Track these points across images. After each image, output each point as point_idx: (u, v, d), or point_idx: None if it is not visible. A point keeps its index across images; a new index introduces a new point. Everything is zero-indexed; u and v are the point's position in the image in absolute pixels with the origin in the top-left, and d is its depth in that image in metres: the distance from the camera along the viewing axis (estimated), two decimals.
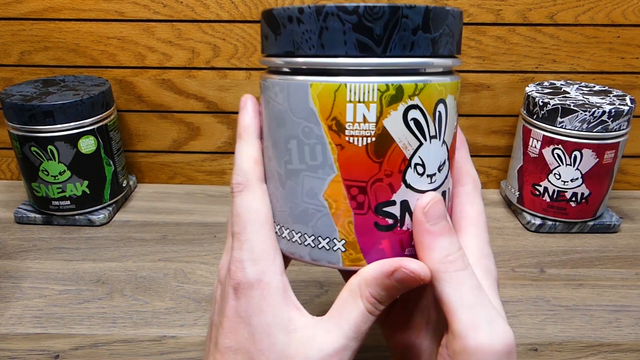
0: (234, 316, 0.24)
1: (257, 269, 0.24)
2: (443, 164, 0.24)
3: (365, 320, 0.23)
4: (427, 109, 0.22)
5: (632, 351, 0.39)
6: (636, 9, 0.56)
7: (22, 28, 0.58)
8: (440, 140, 0.23)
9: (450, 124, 0.24)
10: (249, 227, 0.24)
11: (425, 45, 0.22)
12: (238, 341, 0.24)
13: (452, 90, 0.23)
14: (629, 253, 0.52)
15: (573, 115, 0.49)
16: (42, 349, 0.39)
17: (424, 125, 0.22)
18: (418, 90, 0.22)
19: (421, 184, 0.23)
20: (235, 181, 0.25)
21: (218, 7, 0.57)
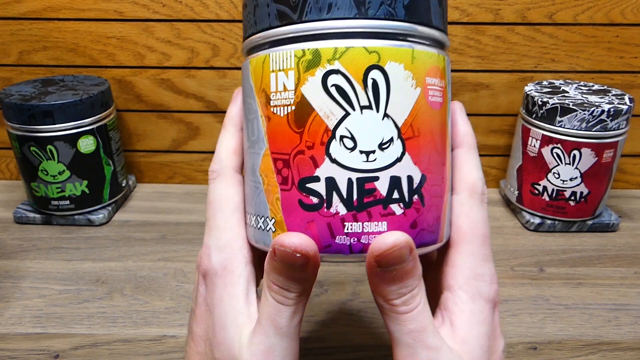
0: (203, 304, 0.24)
1: (222, 256, 0.23)
2: (389, 142, 0.21)
3: (279, 313, 0.21)
4: (353, 75, 0.20)
5: (632, 350, 0.39)
6: (635, 9, 0.56)
7: (21, 28, 0.58)
8: (380, 113, 0.21)
9: (401, 97, 0.21)
10: (218, 214, 0.24)
11: (347, 7, 0.20)
12: (205, 330, 0.24)
13: (395, 57, 0.21)
14: (628, 252, 0.52)
15: (572, 115, 0.49)
16: (42, 349, 0.39)
17: (349, 93, 0.21)
18: (339, 54, 0.20)
19: (352, 161, 0.21)
20: (210, 169, 0.25)
21: (217, 7, 0.57)
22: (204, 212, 0.58)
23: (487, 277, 0.23)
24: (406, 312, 0.21)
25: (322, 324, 0.42)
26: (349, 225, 0.21)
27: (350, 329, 0.41)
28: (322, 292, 0.45)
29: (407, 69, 0.21)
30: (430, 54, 0.22)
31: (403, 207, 0.21)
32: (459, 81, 0.60)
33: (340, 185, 0.21)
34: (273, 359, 0.22)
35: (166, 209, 0.60)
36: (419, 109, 0.21)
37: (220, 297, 0.23)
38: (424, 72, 0.21)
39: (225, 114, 0.27)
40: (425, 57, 0.21)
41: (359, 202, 0.21)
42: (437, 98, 0.22)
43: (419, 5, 0.21)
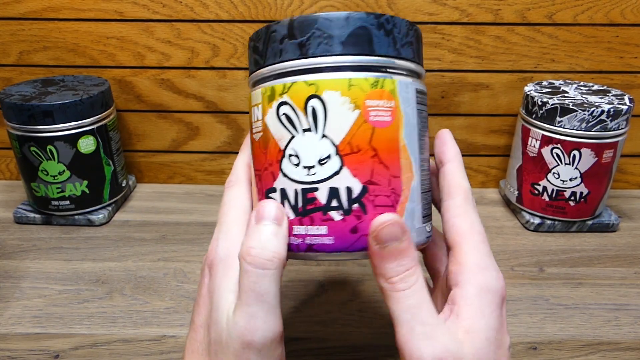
0: (205, 293, 0.26)
1: (227, 245, 0.26)
2: (326, 158, 0.25)
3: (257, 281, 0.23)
4: (296, 104, 0.25)
5: (631, 350, 0.39)
6: (635, 9, 0.56)
7: (21, 28, 0.58)
8: (318, 134, 0.25)
9: (338, 119, 0.24)
10: (230, 212, 0.27)
11: (292, 50, 0.25)
12: (206, 316, 0.26)
13: (331, 86, 0.24)
14: (628, 252, 0.52)
15: (572, 115, 0.49)
16: (42, 349, 0.39)
17: (294, 119, 0.25)
18: (286, 89, 0.25)
19: (298, 174, 0.25)
20: (227, 180, 0.29)
21: (217, 7, 0.57)
22: (204, 212, 0.59)
23: (493, 271, 0.25)
24: (404, 289, 0.23)
25: (322, 324, 0.42)
26: (296, 228, 0.25)
27: (350, 329, 0.41)
28: (322, 292, 0.45)
29: (344, 95, 0.24)
30: (372, 80, 0.25)
31: (342, 213, 0.25)
32: (459, 81, 0.60)
33: (289, 195, 0.25)
34: (255, 326, 0.23)
35: (166, 209, 0.60)
36: (357, 129, 0.25)
37: (219, 283, 0.25)
38: (364, 96, 0.25)
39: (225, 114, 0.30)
40: (365, 83, 0.25)
41: (303, 209, 0.25)
42: (383, 117, 0.25)
43: (358, 39, 0.25)
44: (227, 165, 0.65)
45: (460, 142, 0.63)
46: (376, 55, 0.25)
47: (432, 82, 0.60)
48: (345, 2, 0.56)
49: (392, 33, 0.25)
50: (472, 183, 0.66)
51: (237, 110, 0.62)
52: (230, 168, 0.65)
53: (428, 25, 0.57)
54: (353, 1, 0.56)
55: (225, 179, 0.66)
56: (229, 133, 0.63)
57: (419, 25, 0.57)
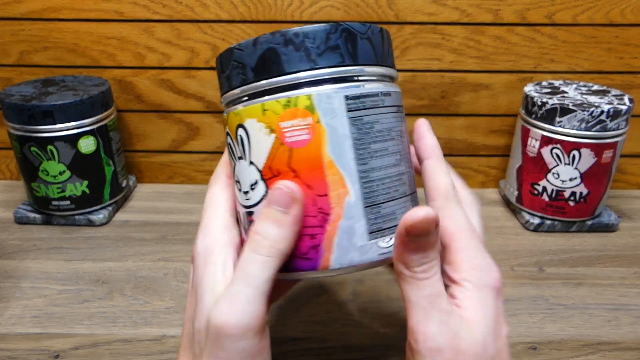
0: (191, 288, 0.27)
1: (206, 241, 0.26)
2: (255, 184, 0.25)
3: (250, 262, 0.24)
4: (231, 134, 0.26)
5: (631, 350, 0.39)
6: (634, 9, 0.56)
7: (22, 28, 0.58)
8: (247, 161, 0.26)
9: (257, 145, 0.25)
10: (208, 210, 0.28)
11: (223, 83, 0.27)
12: (192, 310, 0.26)
13: (249, 114, 0.25)
14: (627, 252, 0.52)
15: (571, 115, 0.50)
16: (42, 349, 0.39)
17: (233, 148, 0.27)
18: (226, 120, 0.27)
19: (240, 199, 0.27)
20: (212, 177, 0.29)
21: (217, 7, 0.57)
22: None
23: (485, 266, 0.25)
24: (425, 278, 0.23)
25: (322, 324, 0.42)
26: None
27: (350, 329, 0.41)
28: (322, 292, 0.45)
29: (260, 121, 0.25)
30: (283, 101, 0.24)
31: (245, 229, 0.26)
32: (459, 81, 0.60)
33: (240, 218, 0.27)
34: (236, 304, 0.23)
35: (166, 209, 0.60)
36: (276, 152, 0.25)
37: (202, 275, 0.25)
38: (276, 119, 0.24)
39: None
40: (276, 105, 0.24)
41: (246, 230, 0.27)
42: (300, 136, 0.24)
43: (267, 62, 0.24)
44: None
45: (460, 142, 0.63)
46: (286, 73, 0.24)
47: (432, 82, 0.60)
48: (345, 2, 0.56)
49: (303, 45, 0.24)
50: (472, 183, 0.66)
51: None
52: None
53: (428, 25, 0.57)
54: (353, 1, 0.56)
55: None
56: None
57: (419, 26, 0.57)
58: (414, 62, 0.59)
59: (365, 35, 0.25)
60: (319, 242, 0.25)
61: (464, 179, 0.67)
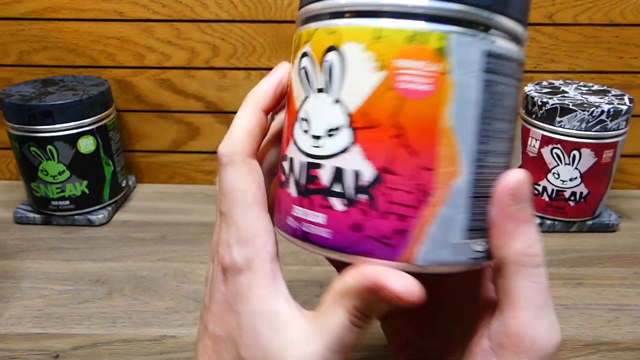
0: (224, 303, 0.22)
1: (244, 254, 0.22)
2: (336, 130, 0.19)
3: (349, 334, 0.20)
4: (316, 57, 0.20)
5: (631, 350, 0.39)
6: (635, 9, 0.56)
7: (21, 28, 0.58)
8: (332, 97, 0.19)
9: (356, 81, 0.19)
10: (235, 209, 0.22)
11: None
12: (227, 330, 0.22)
13: (353, 37, 0.19)
14: (627, 252, 0.52)
15: (572, 115, 0.50)
16: (41, 349, 0.39)
17: (310, 75, 0.20)
18: (309, 36, 0.20)
19: (305, 144, 0.20)
20: (220, 150, 0.23)
21: (217, 7, 0.57)
22: (204, 213, 0.59)
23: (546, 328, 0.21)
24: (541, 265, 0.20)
25: None
26: (296, 208, 0.21)
27: None
28: (322, 292, 0.45)
29: (367, 50, 0.18)
30: (408, 32, 0.18)
31: (345, 203, 0.19)
32: None
33: (295, 167, 0.21)
34: None
35: (166, 209, 0.60)
36: (380, 96, 0.18)
37: (246, 297, 0.22)
38: (393, 53, 0.18)
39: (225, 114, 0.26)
40: (397, 35, 0.18)
41: (305, 187, 0.20)
42: (419, 85, 0.18)
43: None
44: None
45: None
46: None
47: None
48: None
49: None
50: None
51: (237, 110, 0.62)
52: None
53: None
54: None
55: None
56: None
57: None
58: None
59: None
60: (408, 227, 0.19)
61: None
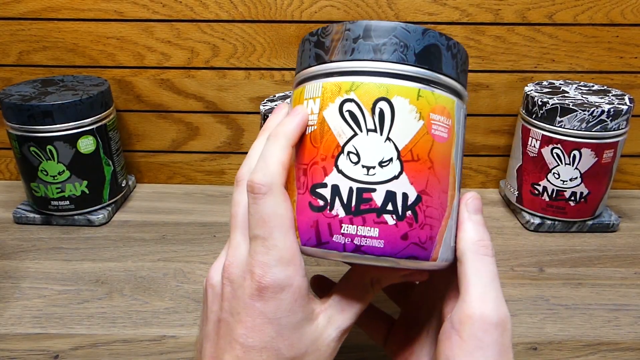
0: (260, 317, 0.25)
1: (287, 273, 0.25)
2: (388, 161, 0.25)
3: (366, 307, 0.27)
4: (364, 104, 0.25)
5: (632, 350, 0.39)
6: (635, 9, 0.56)
7: (21, 28, 0.58)
8: (383, 136, 0.25)
9: (404, 126, 0.25)
10: (276, 233, 0.25)
11: (366, 51, 0.26)
12: (264, 340, 0.25)
13: (402, 93, 0.25)
14: (627, 252, 0.52)
15: (572, 115, 0.49)
16: (41, 349, 0.39)
17: (359, 117, 0.25)
18: (355, 87, 0.25)
19: (355, 173, 0.25)
20: (258, 180, 0.25)
21: (217, 7, 0.57)
22: (203, 213, 0.59)
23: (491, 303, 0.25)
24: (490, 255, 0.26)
25: None
26: (346, 227, 0.25)
27: None
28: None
29: (412, 104, 0.25)
30: (437, 95, 0.26)
31: (396, 218, 0.25)
32: None
33: (342, 192, 0.25)
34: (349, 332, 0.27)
35: (166, 209, 0.60)
36: (420, 138, 0.25)
37: (290, 310, 0.25)
38: (429, 109, 0.25)
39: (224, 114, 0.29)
40: (431, 97, 0.25)
41: (356, 208, 0.25)
42: (442, 133, 0.26)
43: (430, 55, 0.26)
44: (226, 166, 0.65)
45: None
46: (443, 74, 0.26)
47: None
48: (345, 1, 0.56)
49: (456, 57, 0.27)
50: (472, 183, 0.66)
51: (237, 110, 0.62)
52: (230, 168, 0.65)
53: (428, 26, 0.57)
54: (353, 1, 0.56)
55: (225, 179, 0.66)
56: (229, 133, 0.63)
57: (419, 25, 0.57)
58: None
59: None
60: (435, 234, 0.26)
61: (464, 179, 0.67)
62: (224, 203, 0.61)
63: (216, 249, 0.52)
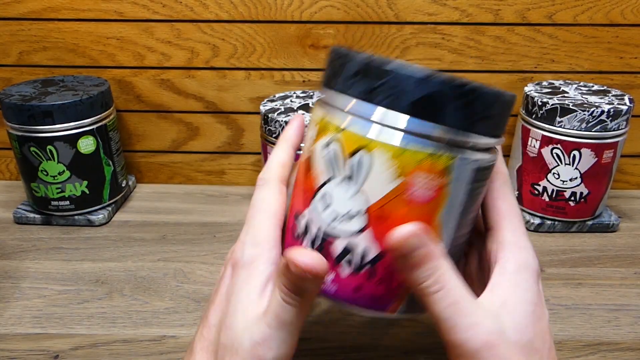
0: (225, 294, 0.26)
1: (254, 252, 0.25)
2: (356, 213, 0.24)
3: (284, 311, 0.23)
4: (347, 148, 0.23)
5: (632, 350, 0.39)
6: (635, 9, 0.56)
7: (21, 28, 0.58)
8: (356, 187, 0.23)
9: (379, 181, 0.23)
10: (258, 215, 0.26)
11: (360, 89, 0.23)
12: (219, 318, 0.26)
13: (387, 149, 0.22)
14: (627, 252, 0.52)
15: (572, 115, 0.49)
16: (41, 349, 0.39)
17: (339, 162, 0.24)
18: (342, 128, 0.24)
19: (324, 216, 0.24)
20: (260, 176, 0.28)
21: (217, 7, 0.57)
22: (204, 213, 0.59)
23: (530, 250, 0.25)
24: (437, 290, 0.23)
25: (322, 324, 0.42)
26: None
27: (350, 329, 0.41)
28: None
29: (393, 159, 0.23)
30: (427, 152, 0.23)
31: (351, 271, 0.24)
32: None
33: (311, 229, 0.25)
34: (269, 346, 0.23)
35: (166, 210, 0.60)
36: (395, 197, 0.23)
37: (240, 287, 0.25)
38: (413, 166, 0.23)
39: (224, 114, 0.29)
40: (419, 154, 0.23)
41: (319, 248, 0.25)
42: (425, 192, 0.23)
43: (429, 104, 0.22)
44: (227, 166, 0.65)
45: None
46: (445, 125, 0.22)
47: None
48: (345, 2, 0.56)
49: (471, 105, 0.22)
50: None
51: (237, 110, 0.62)
52: (230, 168, 0.65)
53: (428, 26, 0.57)
54: (353, 1, 0.56)
55: (225, 179, 0.66)
56: (229, 133, 0.63)
57: (419, 26, 0.57)
58: (414, 62, 0.59)
59: (510, 104, 0.25)
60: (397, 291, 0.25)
61: None
62: (224, 203, 0.61)
63: (216, 249, 0.52)
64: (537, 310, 0.24)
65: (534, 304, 0.24)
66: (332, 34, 0.58)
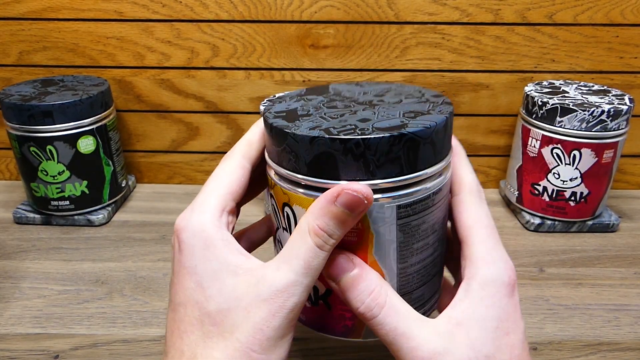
0: (180, 269, 0.25)
1: (201, 218, 0.25)
2: None
3: (314, 256, 0.23)
4: (277, 204, 0.27)
5: (632, 350, 0.39)
6: (635, 9, 0.56)
7: (21, 28, 0.58)
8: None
9: None
10: (209, 185, 0.26)
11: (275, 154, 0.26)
12: (186, 294, 0.24)
13: (298, 202, 0.25)
14: (627, 252, 0.52)
15: (572, 115, 0.49)
16: (41, 349, 0.39)
17: (277, 214, 0.27)
18: (272, 187, 0.27)
19: None
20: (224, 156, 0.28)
21: (217, 7, 0.57)
22: None
23: (501, 263, 0.25)
24: (374, 316, 0.24)
25: None
26: None
27: None
28: None
29: None
30: None
31: (310, 304, 0.28)
32: (459, 81, 0.60)
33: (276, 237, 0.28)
34: (292, 292, 0.23)
35: (166, 209, 0.60)
36: None
37: (203, 257, 0.24)
38: None
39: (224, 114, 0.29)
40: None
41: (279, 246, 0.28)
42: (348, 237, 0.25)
43: (322, 163, 0.23)
44: None
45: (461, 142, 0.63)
46: (342, 180, 0.23)
47: (432, 82, 0.60)
48: (345, 2, 0.56)
49: (363, 157, 0.23)
50: None
51: (237, 110, 0.62)
52: None
53: (428, 25, 0.57)
54: (353, 1, 0.56)
55: None
56: (229, 133, 0.63)
57: (419, 26, 0.57)
58: (414, 62, 0.59)
59: (429, 138, 0.24)
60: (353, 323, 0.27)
61: None
62: None
63: None
64: (503, 325, 0.24)
65: (497, 319, 0.23)
66: (332, 33, 0.58)
